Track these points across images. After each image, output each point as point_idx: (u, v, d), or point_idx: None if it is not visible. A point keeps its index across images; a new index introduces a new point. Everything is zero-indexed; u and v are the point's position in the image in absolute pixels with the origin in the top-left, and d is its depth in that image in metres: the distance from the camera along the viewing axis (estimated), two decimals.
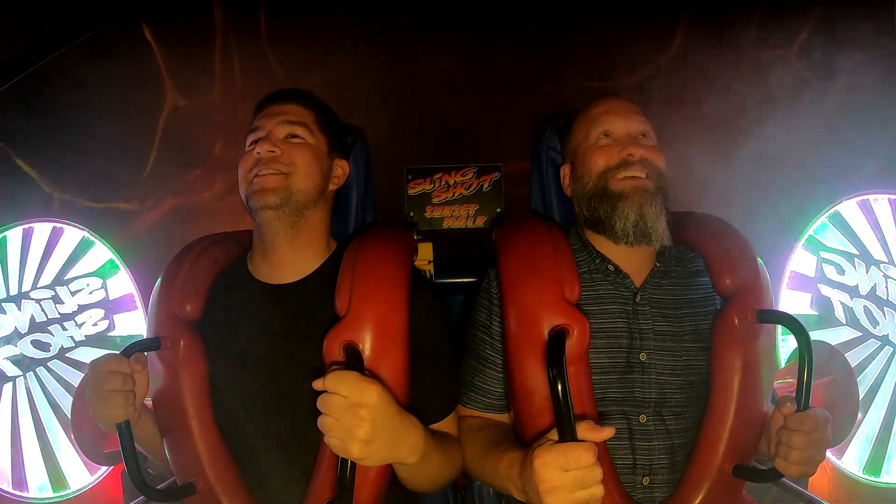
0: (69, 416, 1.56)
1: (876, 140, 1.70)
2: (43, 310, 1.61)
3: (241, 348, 0.97)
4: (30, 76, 1.56)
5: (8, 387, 1.60)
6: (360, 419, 0.73)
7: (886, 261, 1.64)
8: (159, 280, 1.04)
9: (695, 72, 1.72)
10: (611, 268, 1.02)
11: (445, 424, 0.98)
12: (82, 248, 1.65)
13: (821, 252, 1.67)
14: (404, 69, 1.76)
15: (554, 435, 0.76)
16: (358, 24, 1.72)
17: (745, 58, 1.72)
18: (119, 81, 1.66)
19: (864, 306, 1.64)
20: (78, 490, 1.61)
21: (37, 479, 1.59)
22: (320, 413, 0.74)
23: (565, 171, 1.11)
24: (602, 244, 1.04)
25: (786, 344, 1.60)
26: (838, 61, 1.69)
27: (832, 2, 1.65)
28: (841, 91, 1.71)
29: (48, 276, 1.62)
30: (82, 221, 1.65)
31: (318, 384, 0.75)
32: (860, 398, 1.56)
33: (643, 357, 0.96)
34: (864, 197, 1.67)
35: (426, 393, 0.94)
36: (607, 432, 0.76)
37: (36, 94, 1.63)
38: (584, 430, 0.74)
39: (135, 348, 0.94)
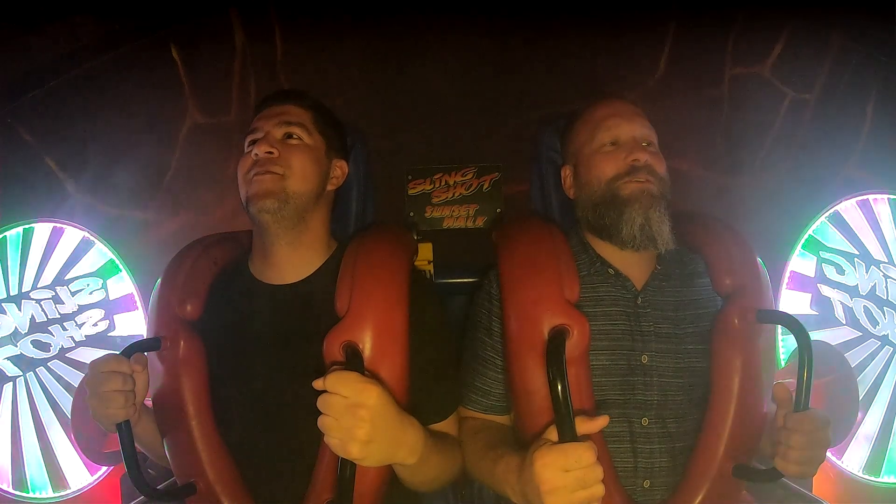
0: (69, 416, 1.56)
1: (876, 140, 1.71)
2: (43, 310, 1.61)
3: (241, 348, 0.97)
4: (66, 81, 1.68)
5: (8, 387, 1.60)
6: (359, 419, 0.73)
7: (886, 261, 1.64)
8: (159, 280, 1.04)
9: (679, 93, 1.76)
10: (611, 271, 1.01)
11: (446, 425, 0.98)
12: (82, 249, 1.65)
13: (821, 252, 1.67)
14: (405, 70, 1.76)
15: (552, 435, 0.76)
16: (369, 53, 1.78)
17: (725, 76, 1.77)
18: (146, 95, 1.74)
19: (864, 306, 1.64)
20: (78, 490, 1.61)
21: (37, 479, 1.60)
22: (320, 413, 0.75)
23: (566, 172, 1.11)
24: (603, 248, 1.03)
25: (786, 344, 1.60)
26: (812, 73, 1.73)
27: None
28: (817, 102, 1.74)
29: (48, 276, 1.62)
30: (100, 224, 1.69)
31: (318, 384, 0.75)
32: (860, 398, 1.57)
33: (645, 359, 0.96)
34: (864, 197, 1.67)
35: (426, 393, 0.94)
36: (601, 421, 0.76)
37: (70, 99, 1.69)
38: (577, 424, 0.74)
39: (135, 348, 0.94)
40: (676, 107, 1.75)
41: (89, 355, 1.62)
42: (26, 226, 1.62)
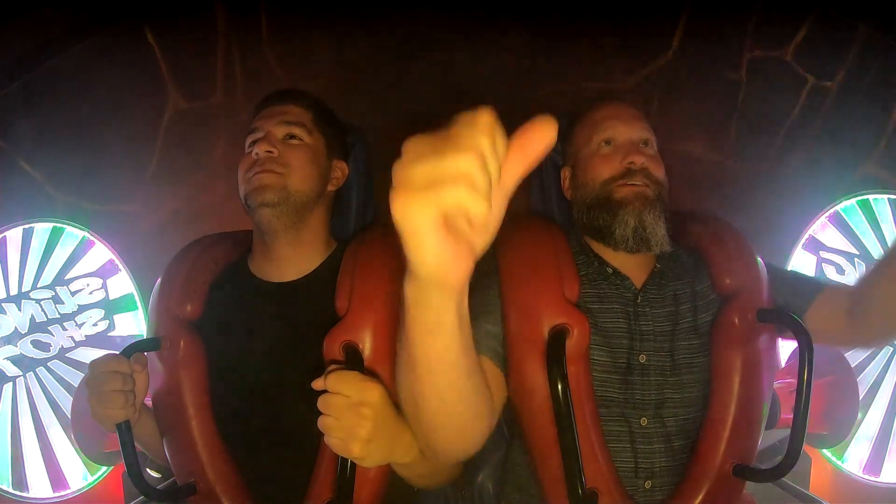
0: (69, 416, 1.56)
1: (875, 139, 1.70)
2: (43, 310, 1.61)
3: (241, 347, 0.97)
4: (34, 78, 1.60)
5: (8, 387, 1.60)
6: (362, 418, 0.73)
7: None
8: (159, 280, 1.04)
9: (693, 73, 1.72)
10: (609, 270, 1.01)
11: None
12: (82, 249, 1.65)
13: (821, 252, 1.67)
14: (405, 70, 1.76)
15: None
16: (358, 28, 1.72)
17: (743, 59, 1.72)
18: (122, 84, 1.66)
19: None
20: (78, 490, 1.61)
21: (37, 479, 1.60)
22: (320, 413, 0.75)
23: (565, 173, 1.11)
24: (601, 250, 1.03)
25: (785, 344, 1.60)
26: (836, 61, 1.68)
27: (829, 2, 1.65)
28: (839, 91, 1.70)
29: (48, 276, 1.62)
30: (85, 223, 1.65)
31: (318, 384, 0.75)
32: (860, 398, 1.57)
33: (643, 359, 0.95)
34: (864, 197, 1.67)
35: None
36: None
37: (40, 96, 1.62)
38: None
39: (135, 348, 0.94)
40: (689, 87, 1.70)
41: (89, 355, 1.61)
42: (26, 226, 1.62)
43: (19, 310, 1.60)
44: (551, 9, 1.70)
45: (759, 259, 1.03)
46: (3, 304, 1.59)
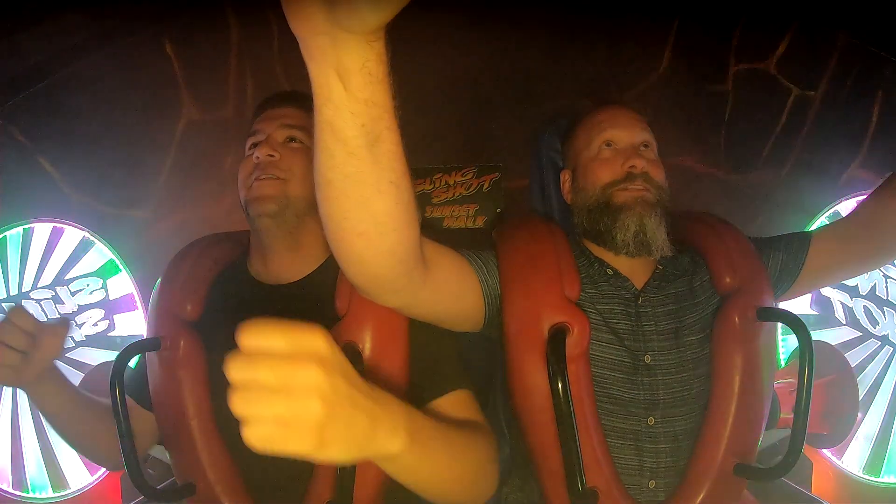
0: None
1: (881, 140, 1.70)
2: (43, 310, 1.61)
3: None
4: (58, 80, 1.64)
5: (8, 387, 1.60)
6: (304, 391, 0.47)
7: None
8: (159, 280, 1.04)
9: (683, 88, 1.75)
10: (609, 272, 1.01)
11: (454, 402, 0.87)
12: (82, 248, 1.65)
13: None
14: (404, 71, 1.76)
15: None
16: None
17: (729, 72, 1.76)
18: (140, 92, 1.70)
19: (864, 306, 1.64)
20: (78, 490, 1.61)
21: (37, 479, 1.59)
22: None
23: (565, 176, 1.11)
24: (602, 253, 1.03)
25: (785, 344, 1.60)
26: (817, 71, 1.72)
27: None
28: (822, 98, 1.73)
29: (48, 277, 1.62)
30: (97, 225, 1.67)
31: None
32: (860, 398, 1.57)
33: (648, 359, 0.95)
34: (864, 196, 1.67)
35: (425, 368, 0.89)
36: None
37: (63, 98, 1.66)
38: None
39: (135, 348, 0.94)
40: (679, 102, 1.74)
41: (89, 355, 1.62)
42: (26, 226, 1.62)
43: None
44: (545, 28, 1.73)
45: (747, 238, 1.04)
46: (3, 304, 1.59)
